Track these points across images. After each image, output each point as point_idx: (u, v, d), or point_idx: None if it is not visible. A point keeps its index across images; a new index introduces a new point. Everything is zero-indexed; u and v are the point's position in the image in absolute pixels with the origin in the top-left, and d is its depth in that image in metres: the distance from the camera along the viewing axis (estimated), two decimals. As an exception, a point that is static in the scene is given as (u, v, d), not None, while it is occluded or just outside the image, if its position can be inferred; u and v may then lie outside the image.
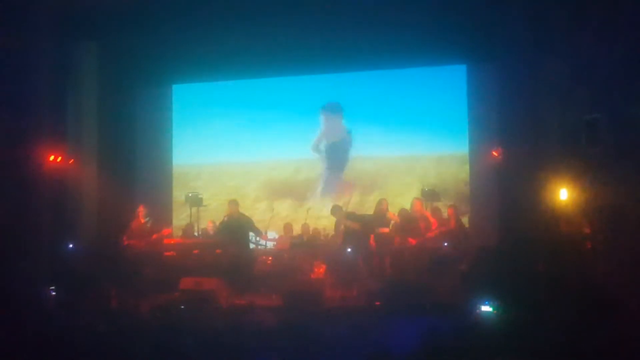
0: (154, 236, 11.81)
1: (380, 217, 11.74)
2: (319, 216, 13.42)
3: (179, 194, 14.26)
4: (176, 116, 14.85)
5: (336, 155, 14.13)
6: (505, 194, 11.22)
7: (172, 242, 12.40)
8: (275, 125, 14.24)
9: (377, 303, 9.72)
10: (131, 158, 14.09)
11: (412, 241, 11.30)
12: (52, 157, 11.60)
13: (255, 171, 14.46)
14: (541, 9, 10.24)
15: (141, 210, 12.03)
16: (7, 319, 7.84)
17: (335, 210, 12.00)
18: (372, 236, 11.42)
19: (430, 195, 11.97)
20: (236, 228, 11.73)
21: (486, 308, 7.70)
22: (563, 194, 9.60)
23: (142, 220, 11.92)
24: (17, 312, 8.22)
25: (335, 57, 13.02)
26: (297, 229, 12.90)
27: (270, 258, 11.92)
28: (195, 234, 12.86)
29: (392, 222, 11.79)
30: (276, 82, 14.32)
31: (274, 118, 14.25)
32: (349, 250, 11.12)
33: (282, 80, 14.27)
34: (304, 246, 11.85)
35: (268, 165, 14.43)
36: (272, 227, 12.81)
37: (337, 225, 12.02)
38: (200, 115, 14.69)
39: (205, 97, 14.80)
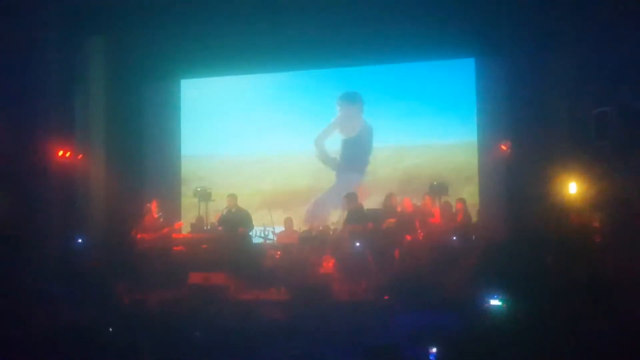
0: (164, 231, 11.83)
1: (389, 211, 11.71)
2: (328, 210, 13.43)
3: (187, 189, 14.28)
4: (184, 111, 14.86)
5: (354, 152, 14.12)
6: (514, 188, 11.18)
7: (181, 237, 12.43)
8: (285, 120, 14.22)
9: (386, 297, 9.72)
10: (139, 153, 14.11)
11: (421, 235, 11.28)
12: (60, 153, 11.63)
13: (264, 166, 14.45)
14: (550, 2, 10.21)
15: (154, 205, 12.04)
16: (15, 313, 7.88)
17: (350, 197, 11.83)
18: (380, 231, 11.38)
19: (438, 189, 11.93)
20: (234, 222, 11.74)
21: (495, 302, 7.68)
22: (572, 187, 9.57)
23: (155, 216, 11.94)
24: (26, 307, 8.26)
25: (344, 52, 13.00)
26: (298, 224, 12.92)
27: (278, 252, 11.91)
28: (205, 228, 12.86)
29: (401, 216, 11.75)
30: (285, 76, 14.31)
31: (284, 113, 14.23)
32: (358, 244, 11.08)
33: (291, 75, 14.27)
34: (313, 241, 11.84)
35: (277, 161, 14.40)
36: (276, 222, 12.80)
37: (346, 214, 11.87)
38: (209, 110, 14.68)
39: (213, 92, 14.78)
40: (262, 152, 14.42)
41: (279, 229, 12.67)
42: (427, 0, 11.26)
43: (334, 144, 14.19)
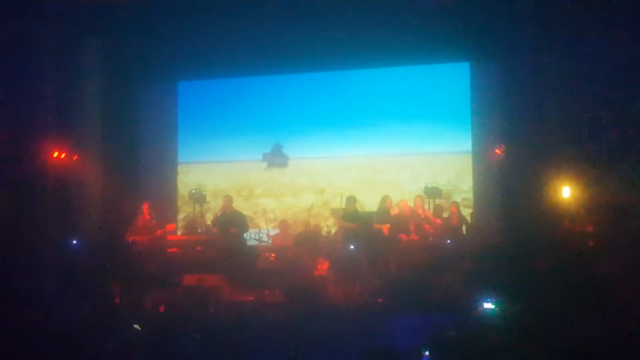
0: (158, 232, 11.81)
1: (383, 214, 11.73)
2: (322, 213, 13.44)
3: (183, 191, 14.28)
4: (182, 113, 14.85)
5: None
6: (508, 192, 11.21)
7: (176, 238, 12.43)
8: (281, 122, 14.27)
9: (380, 300, 9.74)
10: (136, 155, 14.06)
11: (415, 238, 11.30)
12: (56, 154, 11.62)
13: (260, 168, 14.47)
14: (544, 6, 10.23)
15: (146, 207, 12.03)
16: (10, 315, 7.87)
17: (350, 200, 11.80)
18: (375, 233, 11.40)
19: (433, 192, 11.96)
20: (229, 223, 11.76)
21: (488, 305, 7.71)
22: (566, 191, 9.61)
23: (148, 217, 11.92)
24: (21, 308, 8.25)
25: (338, 55, 12.98)
26: (294, 226, 12.93)
27: (273, 255, 11.92)
28: (199, 230, 12.86)
29: (395, 219, 11.77)
30: (281, 79, 14.32)
31: (280, 115, 14.27)
32: (352, 247, 11.10)
33: (286, 77, 14.27)
34: (307, 243, 11.85)
35: (276, 163, 14.40)
36: (271, 223, 12.81)
37: (341, 216, 11.91)
38: (206, 113, 14.69)
39: (211, 94, 14.78)
40: (261, 155, 14.45)
41: (273, 232, 12.69)
42: (422, 4, 11.26)
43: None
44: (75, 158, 12.11)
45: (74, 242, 11.76)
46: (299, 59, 13.24)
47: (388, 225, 11.60)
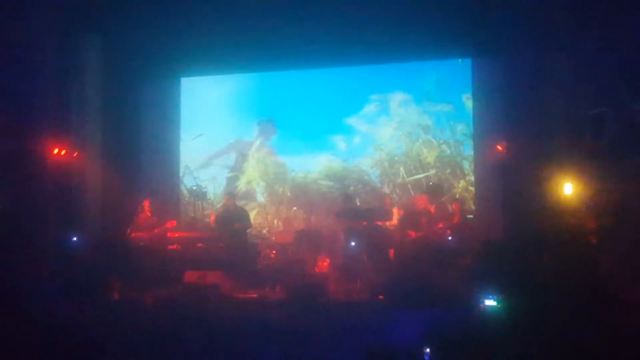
0: (156, 230, 11.76)
1: (384, 211, 11.71)
2: (323, 211, 13.43)
3: (185, 188, 14.27)
4: (184, 110, 14.82)
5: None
6: (510, 188, 11.18)
7: (176, 235, 12.41)
8: (283, 119, 14.25)
9: (381, 297, 9.72)
10: (137, 151, 14.00)
11: (416, 235, 11.28)
12: (56, 151, 11.59)
13: (263, 166, 14.45)
14: (547, 2, 10.21)
15: (147, 204, 12.01)
16: (11, 312, 7.86)
17: (347, 198, 11.79)
18: (376, 230, 11.38)
19: (434, 189, 11.95)
20: (231, 220, 11.75)
21: (490, 302, 7.68)
22: (568, 188, 9.57)
23: (149, 214, 11.90)
24: (21, 305, 8.25)
25: (341, 51, 12.94)
26: (295, 223, 12.91)
27: (274, 252, 11.92)
28: (199, 227, 12.85)
29: (397, 216, 11.77)
30: (284, 75, 14.31)
31: (282, 112, 14.25)
32: (353, 244, 11.09)
33: (289, 73, 14.24)
34: (308, 240, 11.84)
35: (279, 162, 14.41)
36: (273, 221, 12.79)
37: (342, 213, 11.88)
38: (209, 109, 14.66)
39: (214, 90, 14.74)
40: (263, 152, 14.42)
41: (275, 229, 12.70)
42: (424, 1, 11.25)
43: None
44: (75, 155, 12.06)
45: (74, 239, 11.73)
46: (301, 55, 13.20)
47: (391, 222, 11.59)
